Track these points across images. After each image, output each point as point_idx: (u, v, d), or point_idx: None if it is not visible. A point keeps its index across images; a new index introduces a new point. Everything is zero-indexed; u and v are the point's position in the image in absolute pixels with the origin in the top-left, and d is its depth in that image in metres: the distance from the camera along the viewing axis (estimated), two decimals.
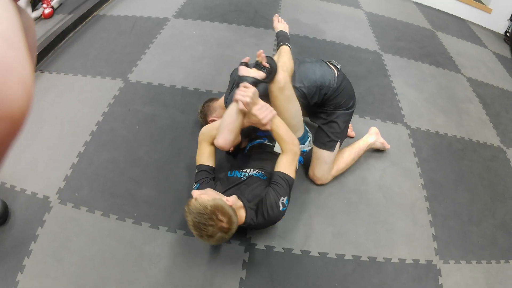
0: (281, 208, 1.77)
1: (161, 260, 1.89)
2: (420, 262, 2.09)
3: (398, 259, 2.08)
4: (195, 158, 2.34)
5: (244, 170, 2.01)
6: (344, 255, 2.04)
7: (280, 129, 1.88)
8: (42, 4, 3.67)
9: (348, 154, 2.44)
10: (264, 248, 2.00)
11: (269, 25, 3.83)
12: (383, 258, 2.07)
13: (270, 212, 1.75)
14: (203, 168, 2.01)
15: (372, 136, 2.59)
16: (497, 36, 5.18)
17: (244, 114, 1.85)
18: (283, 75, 1.92)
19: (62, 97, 2.73)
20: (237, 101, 1.79)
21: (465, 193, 2.56)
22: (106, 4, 3.95)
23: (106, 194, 2.15)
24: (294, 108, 2.02)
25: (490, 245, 2.29)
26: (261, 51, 1.90)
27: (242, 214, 1.78)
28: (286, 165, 1.88)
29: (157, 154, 2.39)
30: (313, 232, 2.12)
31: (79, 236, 1.94)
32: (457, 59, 4.10)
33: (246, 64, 1.93)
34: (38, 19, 3.62)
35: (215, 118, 2.30)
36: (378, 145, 2.61)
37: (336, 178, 2.41)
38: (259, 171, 1.99)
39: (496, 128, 3.21)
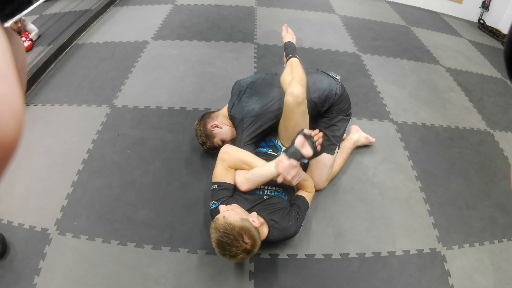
0: (300, 229, 1.94)
1: (167, 280, 1.87)
2: (424, 252, 2.11)
3: (402, 251, 2.09)
4: (187, 176, 2.38)
5: (263, 187, 2.03)
6: (348, 254, 2.05)
7: (305, 181, 2.05)
8: (21, 38, 3.67)
9: (339, 156, 2.48)
10: (269, 257, 2.00)
11: (247, 38, 3.90)
12: (387, 252, 2.08)
13: (294, 230, 1.90)
14: (224, 186, 1.97)
15: (355, 134, 2.65)
16: (471, 24, 5.28)
17: None
18: (302, 90, 1.95)
19: (50, 128, 2.71)
20: (278, 171, 1.84)
21: (458, 180, 2.59)
22: (85, 32, 3.96)
23: (104, 220, 2.13)
24: (305, 122, 2.08)
25: (490, 226, 2.32)
26: (320, 134, 1.90)
27: (264, 231, 1.83)
28: (308, 196, 2.07)
29: (150, 176, 2.39)
30: (314, 235, 2.13)
31: (82, 265, 1.92)
32: (434, 51, 4.17)
33: (305, 135, 1.87)
34: None
35: (217, 124, 2.32)
36: (363, 140, 2.66)
37: (330, 180, 2.43)
38: (279, 190, 2.03)
39: (480, 113, 3.27)
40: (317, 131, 1.90)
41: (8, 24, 0.53)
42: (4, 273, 1.88)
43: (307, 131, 1.88)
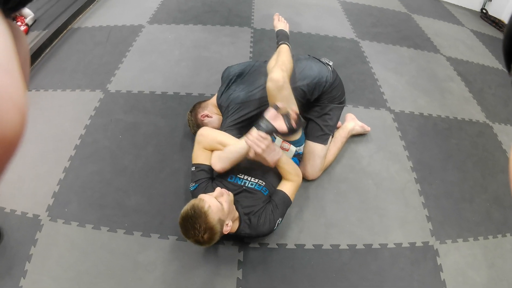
0: (274, 227, 1.85)
1: (156, 267, 1.87)
2: (416, 245, 2.09)
3: (394, 243, 2.07)
4: (179, 162, 2.36)
5: (246, 178, 2.01)
6: (339, 245, 2.03)
7: (285, 164, 1.96)
8: (16, 22, 3.61)
9: (333, 145, 2.44)
10: (258, 246, 1.98)
11: (243, 23, 3.85)
12: (379, 244, 2.06)
13: (265, 229, 1.82)
14: (202, 168, 1.98)
15: (350, 122, 2.60)
16: (473, 13, 5.20)
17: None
18: (281, 75, 1.91)
19: (43, 114, 2.69)
20: (249, 145, 1.81)
21: (455, 172, 2.56)
22: (80, 16, 3.91)
23: (95, 206, 2.12)
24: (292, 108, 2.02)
25: (485, 221, 2.30)
26: (297, 111, 1.86)
27: (235, 226, 1.82)
28: (290, 189, 1.97)
29: (142, 162, 2.37)
30: (305, 225, 2.11)
31: (72, 252, 1.92)
32: (435, 40, 4.11)
33: (277, 108, 1.86)
34: None
35: (207, 113, 2.33)
36: (358, 129, 2.62)
37: (323, 170, 2.40)
38: (261, 184, 1.99)
39: (480, 104, 3.22)
40: (296, 111, 1.87)
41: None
42: None
43: (280, 104, 1.85)
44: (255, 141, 1.78)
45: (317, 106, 2.31)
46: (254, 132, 1.80)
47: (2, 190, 2.19)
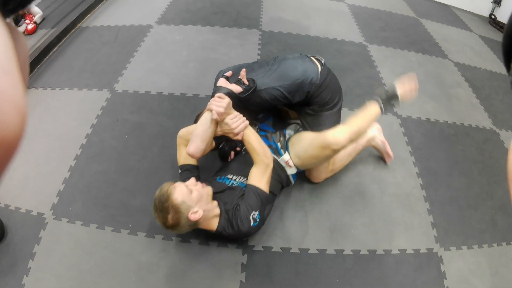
0: (252, 223, 1.77)
1: (159, 269, 1.87)
2: (420, 252, 2.08)
3: (398, 250, 2.06)
4: None
5: (234, 178, 2.00)
6: (343, 250, 2.03)
7: (252, 139, 1.88)
8: (24, 20, 3.64)
9: (343, 151, 2.34)
10: (262, 249, 1.98)
11: (252, 25, 3.85)
12: (383, 250, 2.05)
13: (241, 226, 1.76)
14: (186, 168, 2.04)
15: (372, 130, 2.43)
16: (482, 19, 5.18)
17: (217, 123, 1.86)
18: (344, 144, 1.89)
19: (49, 112, 2.70)
20: (211, 110, 1.80)
21: (461, 178, 2.55)
22: (89, 15, 3.93)
23: (100, 206, 2.13)
24: (321, 163, 2.06)
25: (490, 228, 2.28)
26: (243, 69, 1.90)
27: (214, 223, 1.82)
28: (258, 177, 1.88)
29: (148, 162, 2.37)
30: (310, 229, 2.10)
31: (76, 251, 1.92)
32: (443, 45, 4.10)
33: (227, 78, 1.92)
34: None
35: None
36: (378, 142, 2.46)
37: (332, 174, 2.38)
38: (244, 182, 1.97)
39: (487, 111, 3.20)
40: (243, 70, 1.94)
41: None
42: (0, 256, 1.88)
43: (228, 73, 1.97)
44: (215, 103, 1.80)
45: (310, 116, 2.16)
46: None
47: (7, 188, 2.20)
